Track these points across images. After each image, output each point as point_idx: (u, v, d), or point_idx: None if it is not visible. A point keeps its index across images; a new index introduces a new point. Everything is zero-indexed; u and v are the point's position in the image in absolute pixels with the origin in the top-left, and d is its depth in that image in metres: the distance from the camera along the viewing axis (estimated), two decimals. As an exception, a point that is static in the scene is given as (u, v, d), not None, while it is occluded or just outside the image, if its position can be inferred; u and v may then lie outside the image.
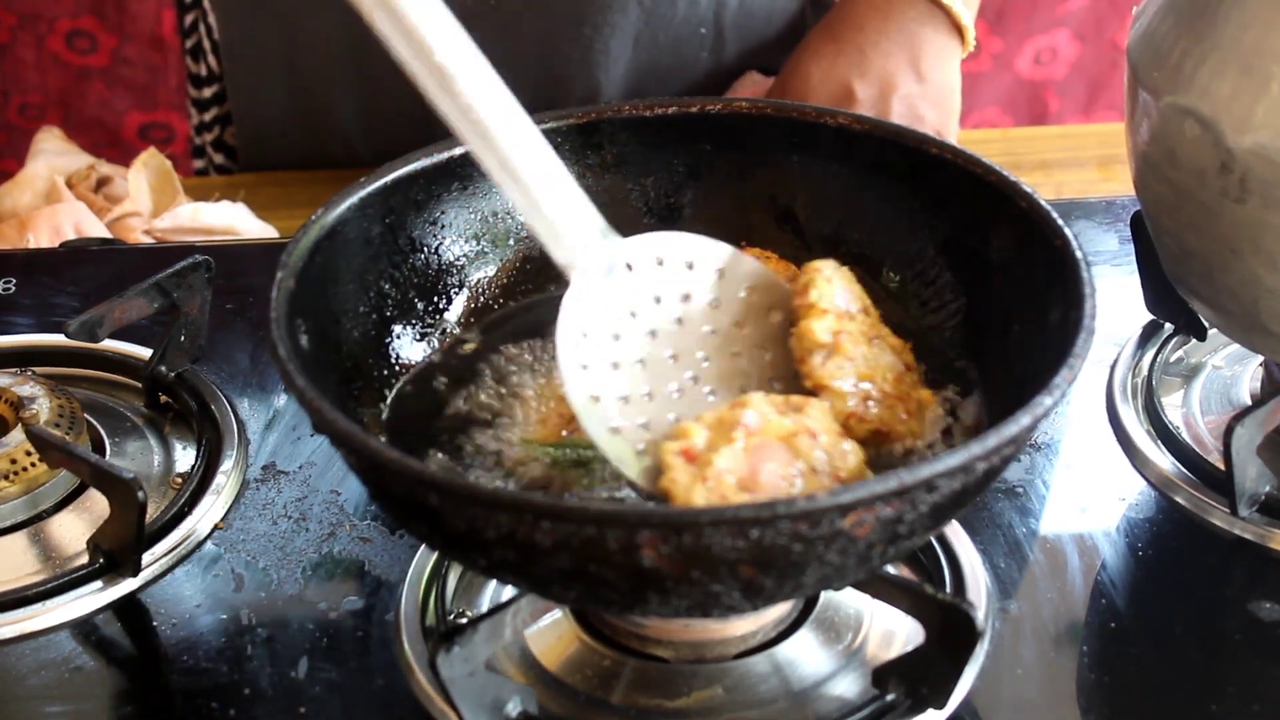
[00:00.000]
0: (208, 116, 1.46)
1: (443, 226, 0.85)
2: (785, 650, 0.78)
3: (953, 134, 1.23)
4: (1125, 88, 0.88)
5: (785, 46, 1.32)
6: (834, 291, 0.75)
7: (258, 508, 0.89)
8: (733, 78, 1.35)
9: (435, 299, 0.85)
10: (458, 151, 0.84)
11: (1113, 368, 0.97)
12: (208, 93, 1.44)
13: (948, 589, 0.81)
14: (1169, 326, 0.98)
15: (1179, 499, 0.87)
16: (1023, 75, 2.43)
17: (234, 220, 1.23)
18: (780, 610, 0.79)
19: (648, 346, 0.75)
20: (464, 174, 0.85)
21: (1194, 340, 0.98)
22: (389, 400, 0.81)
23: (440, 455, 0.77)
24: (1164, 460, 0.89)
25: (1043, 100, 2.46)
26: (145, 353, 0.99)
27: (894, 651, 0.77)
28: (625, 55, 1.31)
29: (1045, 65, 2.43)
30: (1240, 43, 0.79)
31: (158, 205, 1.26)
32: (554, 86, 1.31)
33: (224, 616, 0.82)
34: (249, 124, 1.41)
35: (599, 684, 0.76)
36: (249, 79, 1.38)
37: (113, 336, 0.96)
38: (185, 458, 0.94)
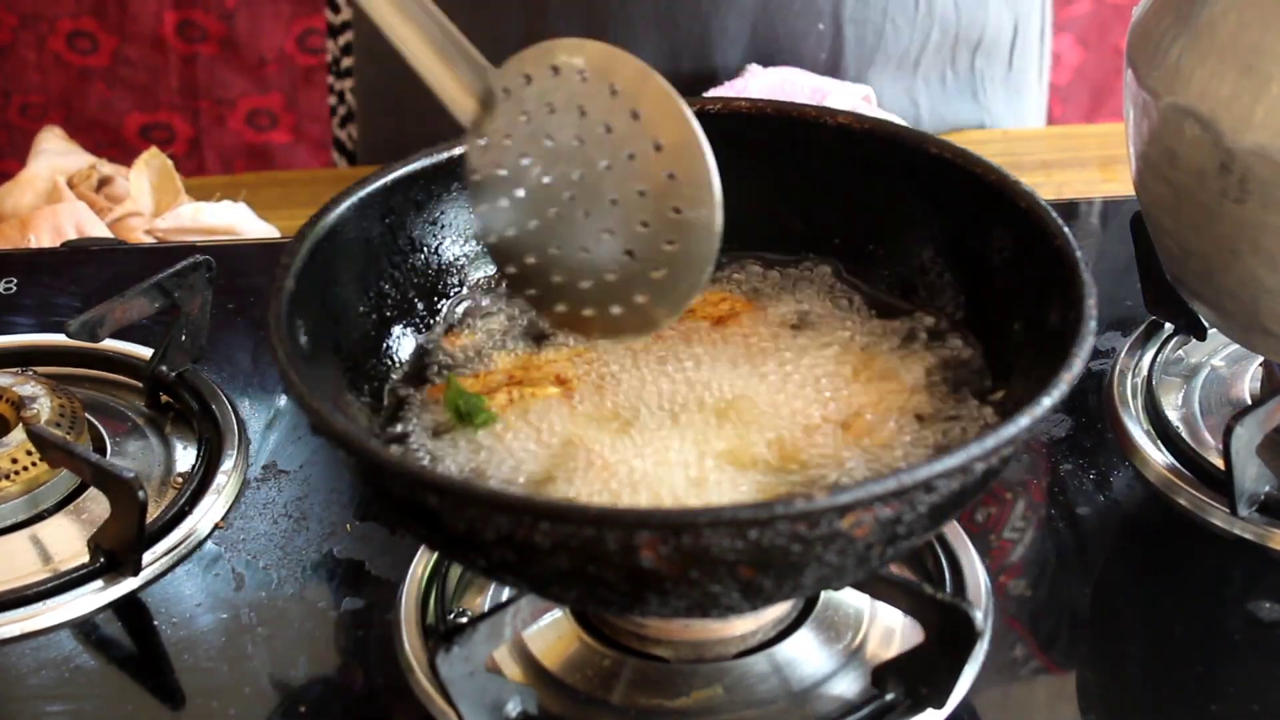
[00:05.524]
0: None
1: (443, 226, 0.85)
2: (785, 650, 0.78)
3: None
4: (1125, 87, 0.88)
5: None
6: None
7: (258, 507, 0.89)
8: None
9: (435, 299, 0.85)
10: (457, 152, 0.84)
11: (1112, 367, 0.97)
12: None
13: (947, 589, 0.81)
14: (1169, 327, 0.98)
15: (1179, 499, 0.87)
16: (1025, 81, 2.43)
17: (235, 220, 1.23)
18: (780, 610, 0.79)
19: (553, 167, 0.75)
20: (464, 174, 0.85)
21: (1194, 340, 0.98)
22: (388, 400, 0.81)
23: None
24: (1164, 460, 0.89)
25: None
26: (146, 352, 0.99)
27: (893, 651, 0.77)
28: (743, 40, 1.32)
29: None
30: (1239, 42, 0.79)
31: (159, 205, 1.26)
32: (669, 64, 1.31)
33: (224, 616, 0.82)
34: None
35: (599, 684, 0.76)
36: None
37: (114, 336, 0.97)
38: (186, 457, 0.94)
